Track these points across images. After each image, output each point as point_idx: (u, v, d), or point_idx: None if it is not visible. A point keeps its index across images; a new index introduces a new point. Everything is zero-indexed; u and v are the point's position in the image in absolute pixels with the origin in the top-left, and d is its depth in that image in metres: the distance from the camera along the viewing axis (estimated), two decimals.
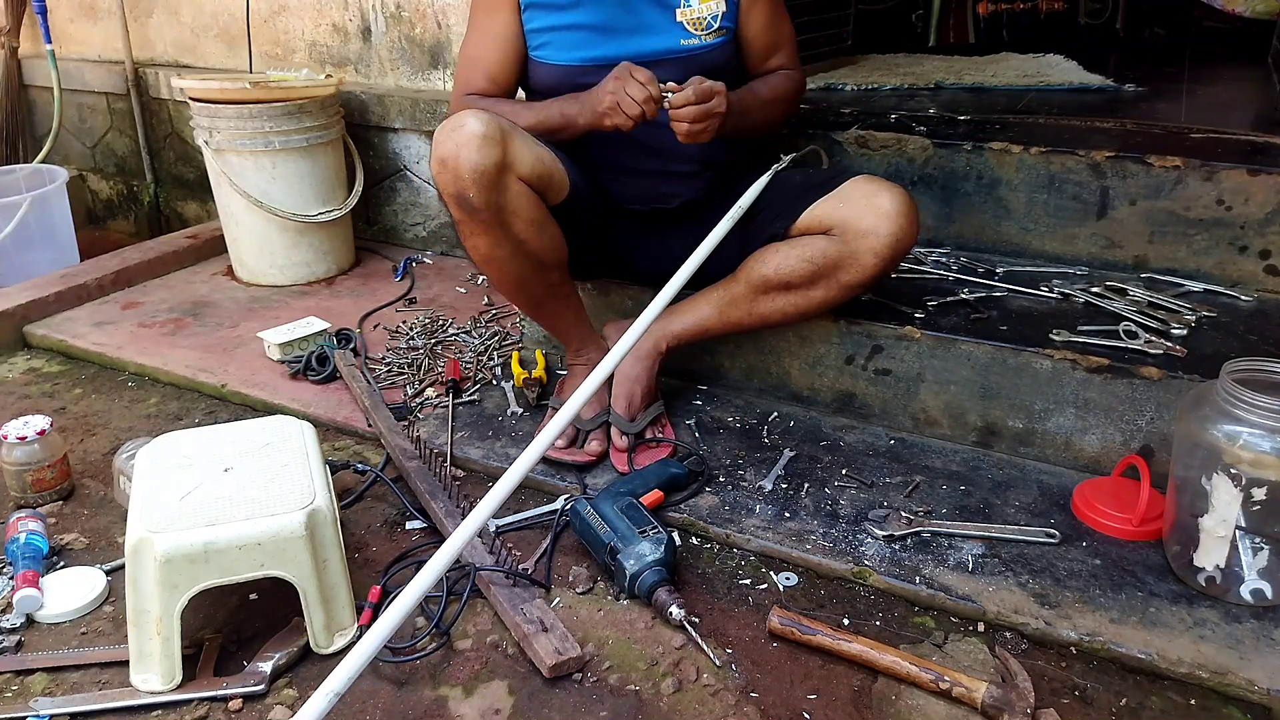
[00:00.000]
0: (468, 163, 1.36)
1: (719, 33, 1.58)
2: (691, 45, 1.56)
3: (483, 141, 1.36)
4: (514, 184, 1.42)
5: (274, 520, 1.14)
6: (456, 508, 1.43)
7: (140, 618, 1.13)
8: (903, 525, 1.40)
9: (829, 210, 1.51)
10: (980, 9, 3.29)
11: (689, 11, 1.55)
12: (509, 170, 1.40)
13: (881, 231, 1.45)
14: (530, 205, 1.45)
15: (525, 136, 1.47)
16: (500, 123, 1.40)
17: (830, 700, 1.13)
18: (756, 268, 1.55)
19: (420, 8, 2.52)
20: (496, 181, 1.39)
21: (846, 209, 1.49)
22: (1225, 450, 1.20)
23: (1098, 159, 1.79)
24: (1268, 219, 1.70)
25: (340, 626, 1.22)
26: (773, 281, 1.54)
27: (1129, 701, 1.13)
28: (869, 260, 1.47)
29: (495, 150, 1.37)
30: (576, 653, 1.16)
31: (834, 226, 1.49)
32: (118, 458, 1.53)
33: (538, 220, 1.47)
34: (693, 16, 1.55)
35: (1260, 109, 2.27)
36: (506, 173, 1.40)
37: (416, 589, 1.06)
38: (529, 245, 1.47)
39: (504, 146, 1.39)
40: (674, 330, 1.64)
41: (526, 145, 1.45)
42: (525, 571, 1.31)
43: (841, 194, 1.51)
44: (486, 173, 1.37)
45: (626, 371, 1.63)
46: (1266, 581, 1.22)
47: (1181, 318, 1.60)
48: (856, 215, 1.47)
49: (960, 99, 2.39)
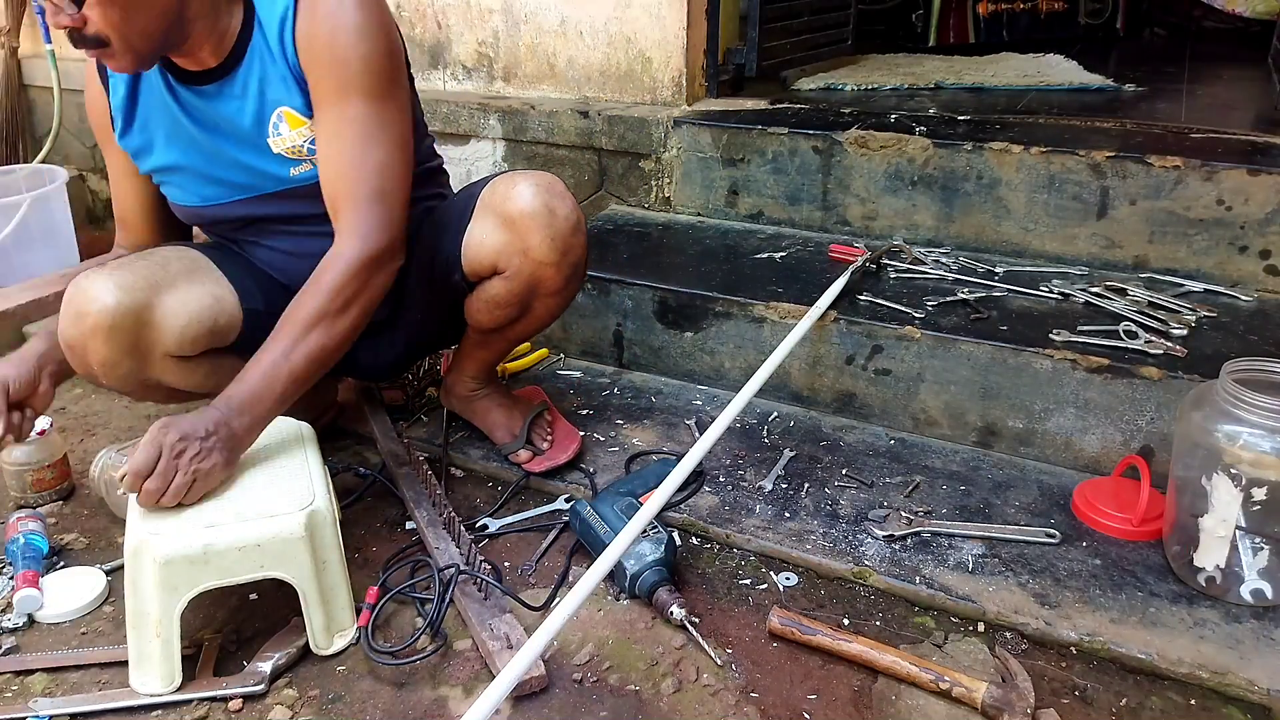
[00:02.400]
0: (96, 356, 1.23)
1: None
2: (303, 174, 1.34)
3: (110, 333, 1.21)
4: (158, 362, 1.29)
5: (273, 522, 1.14)
6: (439, 517, 1.43)
7: (139, 620, 1.12)
8: (903, 525, 1.40)
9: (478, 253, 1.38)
10: (980, 9, 3.29)
11: (281, 141, 1.31)
12: (150, 351, 1.27)
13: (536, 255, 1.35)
14: (183, 373, 1.33)
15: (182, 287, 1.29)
16: (138, 295, 1.23)
17: (830, 700, 1.13)
18: (478, 324, 1.49)
19: (420, 8, 2.52)
20: (133, 372, 1.27)
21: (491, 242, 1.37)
22: (1225, 450, 1.20)
23: (1098, 159, 1.79)
24: (1268, 219, 1.70)
25: (340, 627, 1.22)
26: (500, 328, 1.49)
27: (1129, 701, 1.13)
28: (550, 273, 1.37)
29: (127, 338, 1.23)
30: (539, 673, 1.15)
31: (495, 267, 1.39)
32: (94, 469, 1.51)
33: (199, 374, 1.36)
34: (286, 145, 1.31)
35: (1260, 109, 2.27)
36: (147, 355, 1.27)
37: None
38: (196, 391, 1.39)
39: (138, 332, 1.24)
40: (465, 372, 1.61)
41: (179, 305, 1.27)
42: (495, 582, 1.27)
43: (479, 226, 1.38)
44: (119, 365, 1.25)
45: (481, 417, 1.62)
46: (1266, 581, 1.22)
47: (1181, 318, 1.60)
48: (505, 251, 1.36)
49: (960, 99, 2.40)
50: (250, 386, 1.19)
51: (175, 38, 1.23)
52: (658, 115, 2.19)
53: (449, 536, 1.38)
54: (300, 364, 1.21)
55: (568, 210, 1.36)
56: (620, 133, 2.22)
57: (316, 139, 1.29)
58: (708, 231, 2.12)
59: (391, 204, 1.29)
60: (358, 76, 1.24)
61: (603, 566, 1.09)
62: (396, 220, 1.29)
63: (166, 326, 1.27)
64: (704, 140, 2.14)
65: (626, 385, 1.88)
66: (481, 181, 1.45)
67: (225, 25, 1.26)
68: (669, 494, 1.22)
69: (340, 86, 1.25)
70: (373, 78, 1.25)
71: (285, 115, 1.30)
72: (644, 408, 1.78)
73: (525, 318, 1.47)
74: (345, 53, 1.24)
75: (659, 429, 1.71)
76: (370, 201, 1.26)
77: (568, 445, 1.59)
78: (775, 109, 2.28)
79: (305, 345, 1.21)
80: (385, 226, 1.27)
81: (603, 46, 2.32)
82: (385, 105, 1.27)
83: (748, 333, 1.76)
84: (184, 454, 1.13)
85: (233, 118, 1.31)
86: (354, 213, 1.26)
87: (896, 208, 2.00)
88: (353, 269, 1.24)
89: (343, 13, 1.23)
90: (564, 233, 1.35)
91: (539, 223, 1.33)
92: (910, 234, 2.00)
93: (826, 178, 2.05)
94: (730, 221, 2.18)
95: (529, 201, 1.33)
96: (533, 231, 1.34)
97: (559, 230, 1.35)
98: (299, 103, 1.29)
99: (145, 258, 1.34)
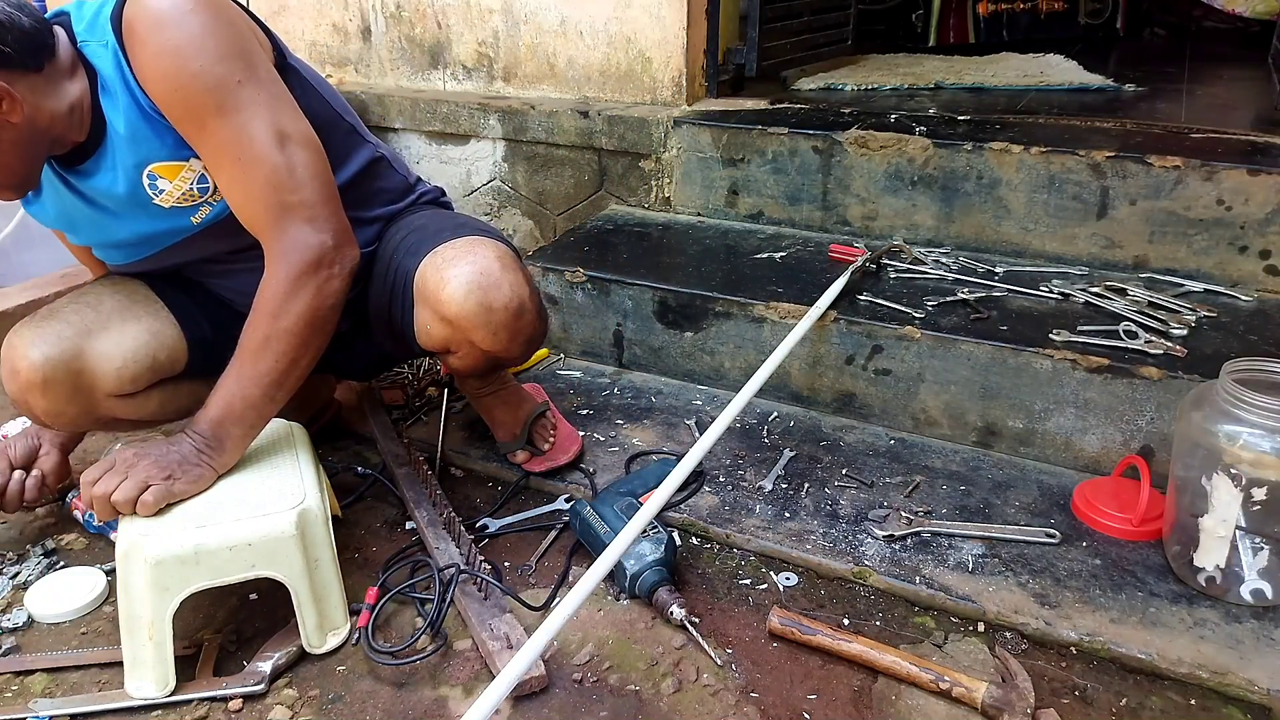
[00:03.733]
0: (39, 408, 1.25)
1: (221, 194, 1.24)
2: (209, 216, 1.25)
3: (45, 386, 1.22)
4: (103, 402, 1.29)
5: (264, 521, 1.14)
6: (439, 517, 1.43)
7: (132, 623, 1.12)
8: (903, 525, 1.40)
9: (427, 339, 1.36)
10: (980, 9, 3.29)
11: (167, 197, 1.22)
12: (91, 394, 1.27)
13: (483, 345, 1.31)
14: (133, 407, 1.33)
15: (115, 327, 1.29)
16: (66, 345, 1.23)
17: (830, 700, 1.13)
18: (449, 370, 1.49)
19: (420, 8, 2.52)
20: (82, 414, 1.29)
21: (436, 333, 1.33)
22: (1225, 450, 1.20)
23: (1098, 159, 1.79)
24: (1268, 219, 1.70)
25: (333, 626, 1.22)
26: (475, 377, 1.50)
27: (1129, 701, 1.13)
28: (503, 353, 1.34)
29: (63, 388, 1.24)
30: (540, 673, 1.15)
31: (448, 349, 1.36)
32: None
33: (152, 405, 1.35)
34: (175, 198, 1.22)
35: (1260, 109, 2.27)
36: (90, 398, 1.27)
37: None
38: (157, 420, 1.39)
39: (74, 380, 1.24)
40: None
41: (112, 348, 1.26)
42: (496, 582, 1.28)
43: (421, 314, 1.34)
44: (63, 413, 1.26)
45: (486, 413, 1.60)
46: (1266, 581, 1.22)
47: (1181, 318, 1.60)
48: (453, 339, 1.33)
49: (960, 99, 2.39)
50: (212, 414, 1.19)
51: (42, 150, 1.17)
52: (658, 115, 2.19)
53: (449, 536, 1.38)
54: (254, 391, 1.19)
55: (505, 298, 1.27)
56: (620, 133, 2.22)
57: (211, 177, 1.21)
58: (708, 231, 2.12)
59: (301, 206, 1.19)
60: (200, 97, 1.13)
61: (603, 566, 1.08)
62: (317, 217, 1.20)
63: (101, 370, 1.27)
64: (704, 140, 2.14)
65: (626, 385, 1.88)
66: (420, 237, 1.37)
67: (75, 98, 1.16)
68: (669, 494, 1.22)
69: (193, 116, 1.14)
70: (219, 93, 1.13)
71: (157, 171, 1.20)
72: (644, 408, 1.78)
73: (496, 370, 1.51)
74: (178, 79, 1.12)
75: (659, 429, 1.71)
76: (276, 217, 1.18)
77: (568, 447, 1.59)
78: (775, 109, 2.28)
79: (255, 371, 1.19)
80: (306, 234, 1.19)
81: (603, 46, 2.32)
82: (245, 113, 1.15)
83: (748, 333, 1.76)
84: (135, 465, 1.14)
85: (110, 191, 1.22)
86: (267, 235, 1.20)
87: (896, 208, 2.00)
88: (285, 289, 1.18)
89: (161, 37, 1.11)
90: (505, 322, 1.29)
91: (476, 321, 1.28)
92: (910, 234, 2.00)
93: (826, 178, 2.05)
94: (730, 221, 2.18)
95: (460, 303, 1.27)
96: (472, 329, 1.29)
97: (498, 323, 1.29)
98: (169, 148, 1.19)
99: (78, 299, 1.32)
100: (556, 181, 2.38)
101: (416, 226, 1.42)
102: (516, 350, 1.35)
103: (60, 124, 1.16)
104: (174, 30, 1.10)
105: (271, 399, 1.21)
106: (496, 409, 1.59)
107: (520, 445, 1.57)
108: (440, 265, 1.30)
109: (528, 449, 1.57)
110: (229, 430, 1.19)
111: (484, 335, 1.30)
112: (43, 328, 1.25)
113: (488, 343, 1.31)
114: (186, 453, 1.17)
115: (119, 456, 1.16)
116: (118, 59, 1.14)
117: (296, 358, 1.20)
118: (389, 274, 1.39)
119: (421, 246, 1.35)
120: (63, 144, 1.19)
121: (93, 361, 1.26)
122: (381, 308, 1.42)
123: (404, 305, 1.37)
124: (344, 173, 1.34)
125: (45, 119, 1.13)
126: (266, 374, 1.19)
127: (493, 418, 1.60)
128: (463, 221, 1.44)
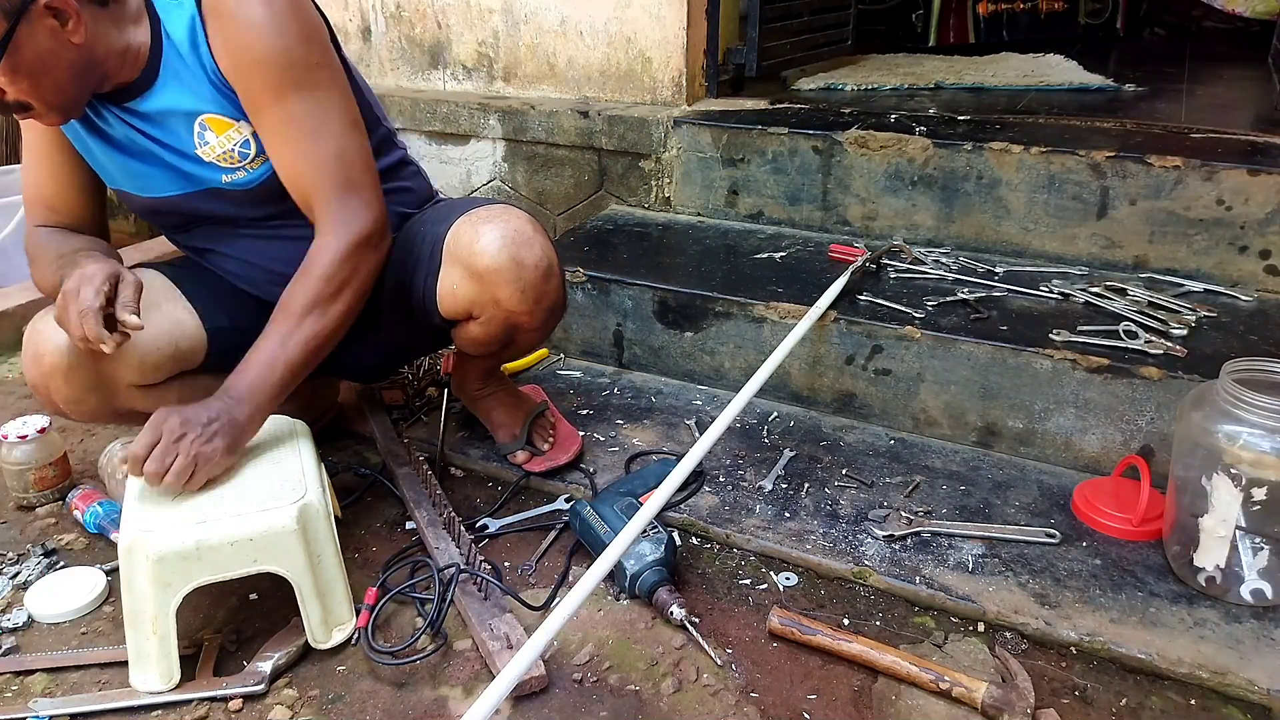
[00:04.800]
0: (60, 395, 1.26)
1: (263, 159, 1.28)
2: (239, 180, 1.29)
3: (69, 372, 1.23)
4: (124, 393, 1.29)
5: (266, 515, 1.14)
6: (439, 517, 1.43)
7: (136, 618, 1.12)
8: (903, 525, 1.40)
9: (451, 302, 1.37)
10: (980, 9, 3.30)
11: (210, 149, 1.26)
12: (113, 384, 1.28)
13: (508, 305, 1.33)
14: (153, 400, 1.31)
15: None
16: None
17: (830, 700, 1.13)
18: (464, 351, 1.50)
19: (420, 7, 2.52)
20: (101, 405, 1.29)
21: (463, 293, 1.35)
22: (1225, 450, 1.20)
23: (1098, 159, 1.79)
24: (1268, 219, 1.70)
25: (338, 621, 1.22)
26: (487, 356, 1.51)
27: (1129, 701, 1.13)
28: (525, 319, 1.36)
29: (87, 375, 1.24)
30: (540, 673, 1.15)
31: (470, 314, 1.38)
32: (103, 458, 1.53)
33: (171, 398, 1.33)
34: (217, 153, 1.27)
35: (1260, 109, 2.27)
36: (111, 387, 1.28)
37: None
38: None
39: (98, 367, 1.24)
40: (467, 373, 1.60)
41: (136, 338, 1.23)
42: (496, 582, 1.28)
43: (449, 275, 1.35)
44: (84, 401, 1.27)
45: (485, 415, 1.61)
46: (1266, 581, 1.22)
47: (1181, 318, 1.60)
48: (478, 301, 1.34)
49: (960, 99, 2.40)
50: (249, 377, 1.21)
51: (92, 81, 1.20)
52: (658, 115, 2.19)
53: (449, 536, 1.38)
54: (296, 352, 1.22)
55: (536, 257, 1.32)
56: (620, 133, 2.22)
57: (265, 145, 1.26)
58: (708, 231, 2.12)
59: (361, 186, 1.27)
60: (283, 72, 1.20)
61: (603, 566, 1.08)
62: (371, 200, 1.28)
63: (125, 358, 1.26)
64: (704, 140, 2.14)
65: (626, 385, 1.88)
66: (449, 209, 1.41)
67: (136, 44, 1.21)
68: (669, 494, 1.22)
69: (270, 87, 1.21)
70: (299, 70, 1.21)
71: (209, 123, 1.25)
72: (644, 408, 1.78)
73: (510, 348, 1.49)
74: (264, 53, 1.19)
75: (659, 429, 1.71)
76: (340, 191, 1.25)
77: (568, 447, 1.59)
78: (775, 109, 2.28)
79: (300, 333, 1.22)
80: (362, 210, 1.26)
81: (603, 46, 2.32)
82: (321, 92, 1.24)
83: (748, 333, 1.76)
84: (184, 438, 1.14)
85: (156, 131, 1.26)
86: (328, 206, 1.25)
87: (896, 208, 2.00)
88: (341, 256, 1.24)
89: (249, 11, 1.18)
90: (534, 282, 1.32)
91: (507, 276, 1.30)
92: (910, 234, 2.00)
93: (826, 178, 2.05)
94: (730, 221, 2.18)
95: (494, 256, 1.30)
96: (501, 285, 1.31)
97: (528, 281, 1.31)
98: (223, 107, 1.24)
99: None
100: (556, 181, 2.38)
101: (442, 203, 1.48)
102: (539, 316, 1.37)
103: (113, 62, 1.19)
104: (262, 9, 1.18)
105: (307, 365, 1.24)
106: (495, 411, 1.59)
107: (520, 445, 1.57)
108: (475, 223, 1.33)
109: (527, 449, 1.57)
110: (262, 394, 1.21)
111: (512, 292, 1.31)
112: (60, 328, 1.23)
113: (514, 300, 1.32)
114: (224, 422, 1.17)
115: (165, 427, 1.14)
116: (194, 24, 1.20)
117: (340, 325, 1.26)
118: (413, 246, 1.41)
119: (451, 214, 1.38)
120: (113, 81, 1.22)
121: (114, 356, 1.24)
122: (402, 281, 1.42)
123: (429, 270, 1.38)
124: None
125: (102, 50, 1.17)
126: (312, 337, 1.23)
127: (491, 420, 1.60)
128: (488, 200, 1.47)
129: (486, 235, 1.31)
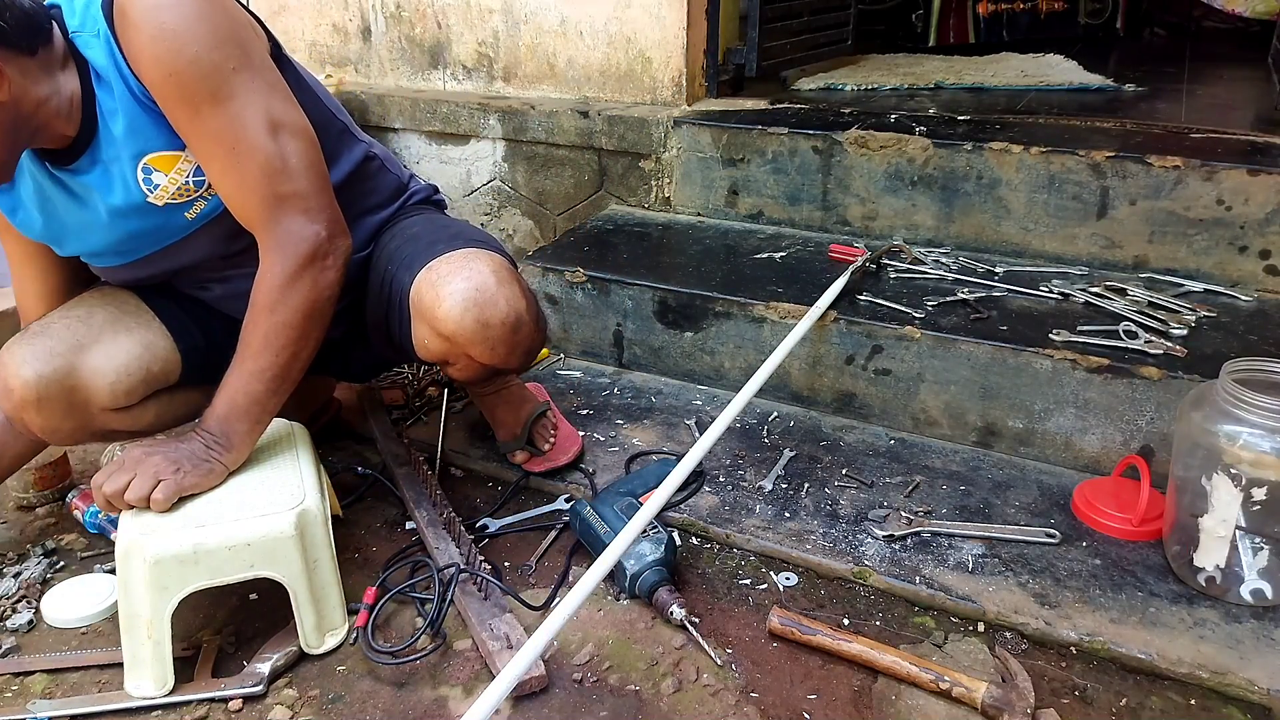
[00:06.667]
0: (35, 425, 1.24)
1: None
2: (205, 210, 1.23)
3: (39, 404, 1.21)
4: (99, 416, 1.28)
5: (263, 521, 1.14)
6: (439, 517, 1.43)
7: (132, 622, 1.12)
8: (903, 525, 1.40)
9: (426, 352, 1.34)
10: (980, 9, 3.30)
11: (161, 193, 1.19)
12: (86, 409, 1.26)
13: (481, 359, 1.30)
14: (130, 419, 1.32)
15: (106, 340, 1.27)
16: (58, 361, 1.22)
17: (830, 700, 1.13)
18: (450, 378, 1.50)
19: (420, 8, 2.52)
20: (78, 429, 1.28)
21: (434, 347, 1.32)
22: (1225, 450, 1.20)
23: (1098, 159, 1.79)
24: (1268, 219, 1.70)
25: (331, 626, 1.22)
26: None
27: (1129, 701, 1.13)
28: (501, 365, 1.33)
29: (58, 404, 1.23)
30: (540, 673, 1.15)
31: (446, 362, 1.36)
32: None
33: (149, 416, 1.34)
34: (170, 193, 1.19)
35: (1260, 109, 2.27)
36: (85, 413, 1.26)
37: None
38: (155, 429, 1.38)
39: (68, 396, 1.23)
40: None
41: (104, 361, 1.24)
42: (496, 582, 1.28)
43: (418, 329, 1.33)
44: (59, 429, 1.26)
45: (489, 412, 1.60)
46: (1266, 581, 1.22)
47: (1181, 318, 1.60)
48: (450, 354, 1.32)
49: (960, 99, 2.40)
50: (218, 413, 1.20)
51: (23, 138, 1.12)
52: (658, 115, 2.19)
53: (449, 536, 1.38)
54: (259, 386, 1.20)
55: (502, 315, 1.25)
56: (620, 133, 2.22)
57: (200, 166, 1.18)
58: (708, 231, 2.12)
59: (296, 197, 1.18)
60: (194, 83, 1.10)
61: (603, 566, 1.08)
62: (313, 209, 1.19)
63: (95, 385, 1.25)
64: (704, 140, 2.14)
65: (626, 385, 1.88)
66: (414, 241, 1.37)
67: (67, 91, 1.12)
68: (669, 494, 1.22)
69: (185, 104, 1.11)
70: (213, 80, 1.10)
71: (152, 163, 1.17)
72: (644, 408, 1.78)
73: (497, 379, 1.51)
74: (173, 64, 1.09)
75: (659, 429, 1.71)
76: (271, 209, 1.17)
77: (568, 447, 1.59)
78: (775, 109, 2.28)
79: (259, 367, 1.19)
80: (303, 226, 1.18)
81: (603, 46, 2.32)
82: (239, 101, 1.13)
83: (748, 333, 1.76)
84: (144, 462, 1.15)
85: (103, 186, 1.19)
86: (263, 228, 1.18)
87: (896, 208, 2.00)
88: (283, 283, 1.17)
89: (154, 21, 1.08)
90: (502, 337, 1.27)
91: (473, 338, 1.26)
92: (910, 234, 2.00)
93: (826, 178, 2.05)
94: (730, 221, 2.18)
95: (458, 321, 1.25)
96: (469, 345, 1.28)
97: (496, 338, 1.27)
98: (165, 137, 1.16)
99: (68, 313, 1.31)
100: (556, 181, 2.38)
101: (410, 235, 1.41)
102: (515, 362, 1.35)
103: (46, 113, 1.11)
104: (168, 14, 1.08)
105: (275, 393, 1.22)
106: (499, 408, 1.59)
107: (520, 445, 1.57)
108: (435, 282, 1.27)
109: (528, 449, 1.57)
110: (235, 426, 1.20)
111: (481, 350, 1.29)
112: (34, 344, 1.23)
113: (485, 357, 1.30)
114: (195, 449, 1.18)
115: (128, 455, 1.16)
116: (110, 47, 1.11)
117: (297, 351, 1.21)
118: (384, 287, 1.39)
119: (415, 260, 1.33)
120: (49, 135, 1.14)
121: (86, 377, 1.25)
122: (379, 320, 1.42)
123: (401, 319, 1.37)
124: (337, 172, 1.33)
125: (31, 104, 1.09)
126: (268, 369, 1.19)
127: (494, 416, 1.60)
128: (457, 230, 1.42)
129: (448, 299, 1.25)
